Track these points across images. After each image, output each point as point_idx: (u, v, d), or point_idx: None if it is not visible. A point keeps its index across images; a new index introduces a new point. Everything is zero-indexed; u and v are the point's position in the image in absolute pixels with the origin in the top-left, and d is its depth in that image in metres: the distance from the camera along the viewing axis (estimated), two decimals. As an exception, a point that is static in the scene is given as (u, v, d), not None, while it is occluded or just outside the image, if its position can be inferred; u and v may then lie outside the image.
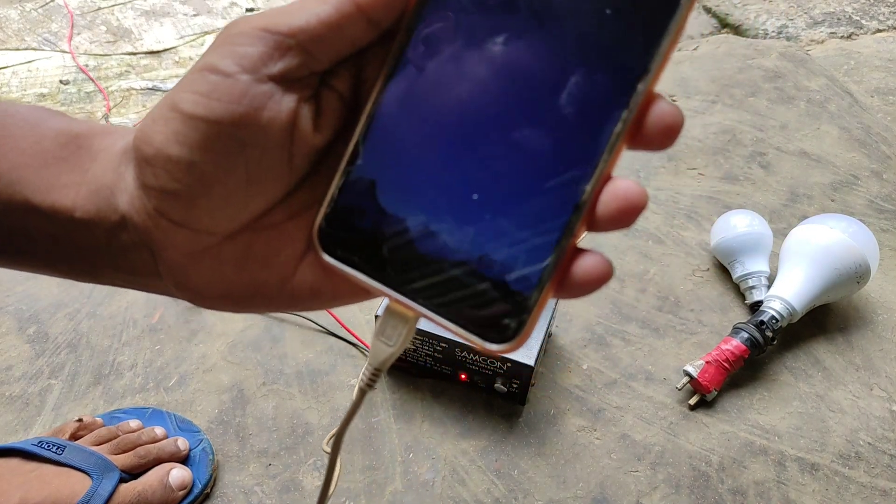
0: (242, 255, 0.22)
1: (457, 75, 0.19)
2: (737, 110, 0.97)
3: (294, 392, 0.64)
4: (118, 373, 0.65)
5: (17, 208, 0.22)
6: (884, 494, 0.58)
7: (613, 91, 0.18)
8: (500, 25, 0.19)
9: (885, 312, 0.72)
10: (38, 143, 0.22)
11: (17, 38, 1.38)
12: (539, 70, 0.19)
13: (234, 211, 0.21)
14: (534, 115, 0.19)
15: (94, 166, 0.22)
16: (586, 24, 0.18)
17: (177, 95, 0.19)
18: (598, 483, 0.58)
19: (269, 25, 0.19)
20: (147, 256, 0.22)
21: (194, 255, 0.21)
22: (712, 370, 0.62)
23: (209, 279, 0.22)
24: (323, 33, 0.19)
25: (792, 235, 0.71)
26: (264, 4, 1.53)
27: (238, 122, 0.19)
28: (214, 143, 0.19)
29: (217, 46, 0.20)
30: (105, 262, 0.22)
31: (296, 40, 0.19)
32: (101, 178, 0.21)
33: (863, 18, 1.48)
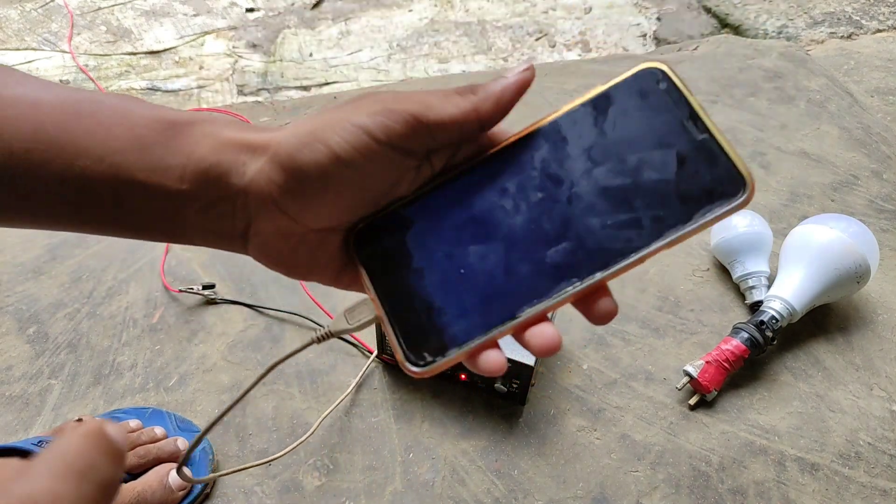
0: (317, 244, 0.28)
1: (495, 207, 0.27)
2: (737, 110, 0.97)
3: (294, 392, 0.64)
4: (118, 373, 0.65)
5: (123, 185, 0.27)
6: (884, 494, 0.58)
7: (580, 269, 0.25)
8: (535, 188, 0.27)
9: (885, 312, 0.72)
10: (132, 130, 0.27)
11: (17, 38, 1.38)
12: (541, 228, 0.26)
13: (328, 220, 0.28)
14: (523, 253, 0.26)
15: (200, 149, 0.27)
16: (589, 222, 0.26)
17: (328, 133, 0.26)
18: (598, 483, 0.58)
19: (417, 113, 0.26)
20: (241, 225, 0.28)
21: (284, 234, 0.28)
22: (712, 370, 0.62)
23: (285, 253, 0.29)
24: (449, 127, 0.27)
25: (792, 235, 0.71)
26: (264, 4, 1.53)
27: (365, 171, 0.26)
28: (342, 178, 0.26)
29: (372, 113, 0.26)
30: (196, 226, 0.28)
31: (429, 130, 0.26)
32: (209, 160, 0.27)
33: (863, 18, 1.48)
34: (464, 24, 1.51)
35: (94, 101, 0.27)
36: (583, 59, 1.17)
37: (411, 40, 1.47)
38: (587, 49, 1.45)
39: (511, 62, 1.41)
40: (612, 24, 1.51)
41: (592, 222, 0.25)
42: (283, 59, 1.40)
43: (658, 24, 1.52)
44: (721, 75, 1.04)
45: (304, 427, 0.62)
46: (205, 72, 1.34)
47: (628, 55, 1.17)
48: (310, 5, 1.55)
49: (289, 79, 1.34)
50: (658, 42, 1.46)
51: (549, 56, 1.42)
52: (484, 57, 1.43)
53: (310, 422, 0.62)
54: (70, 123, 0.27)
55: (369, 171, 0.26)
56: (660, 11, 1.55)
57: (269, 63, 1.38)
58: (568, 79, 1.03)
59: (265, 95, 1.29)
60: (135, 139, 0.27)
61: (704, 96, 1.00)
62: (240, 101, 1.19)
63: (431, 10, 1.56)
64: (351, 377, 0.65)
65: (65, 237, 0.78)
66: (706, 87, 1.02)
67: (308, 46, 1.43)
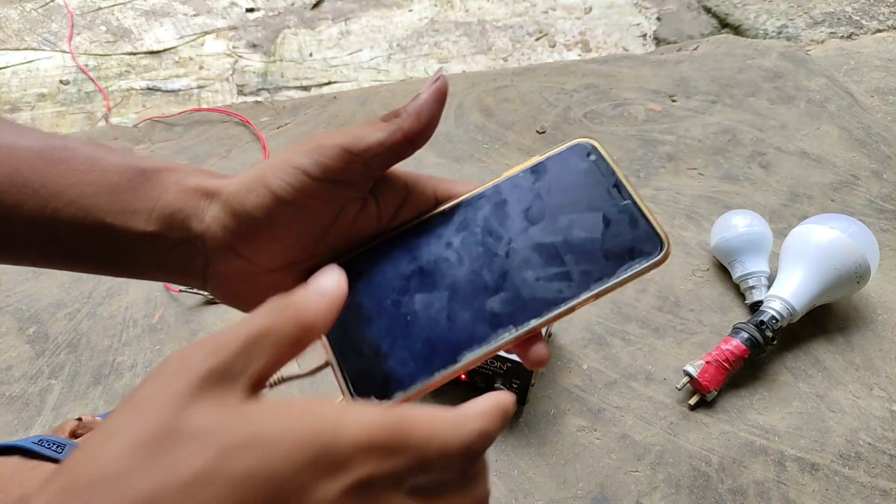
0: (273, 283, 0.29)
1: (441, 258, 0.30)
2: (737, 110, 0.97)
3: (294, 392, 0.64)
4: (118, 373, 0.65)
5: (93, 227, 0.29)
6: (884, 494, 0.58)
7: (516, 317, 0.28)
8: (477, 243, 0.30)
9: (885, 312, 0.72)
10: (103, 176, 0.29)
11: (17, 38, 1.38)
12: (482, 279, 0.29)
13: (280, 259, 0.29)
14: (464, 302, 0.28)
15: (166, 195, 0.29)
16: (525, 274, 0.29)
17: (269, 177, 0.28)
18: (598, 483, 0.58)
19: (346, 145, 0.28)
20: (201, 265, 0.29)
21: (241, 275, 0.29)
22: (712, 370, 0.62)
23: (242, 292, 0.30)
24: (380, 151, 0.28)
25: (792, 235, 0.71)
26: (264, 4, 1.53)
27: (308, 208, 0.28)
28: (287, 218, 0.28)
29: (306, 152, 0.28)
30: (160, 265, 0.30)
31: (361, 158, 0.28)
32: (174, 206, 0.29)
33: (863, 18, 1.48)
34: (464, 24, 1.51)
35: (68, 149, 0.29)
36: (583, 59, 1.17)
37: (411, 40, 1.47)
38: (587, 49, 1.45)
39: (511, 62, 1.41)
40: (612, 24, 1.51)
41: (528, 275, 0.28)
42: (283, 59, 1.40)
43: (658, 24, 1.52)
44: (721, 75, 1.04)
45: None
46: (205, 72, 1.34)
47: (628, 55, 1.17)
48: (310, 5, 1.55)
49: (289, 79, 1.34)
50: (658, 42, 1.46)
51: (549, 56, 1.42)
52: (484, 57, 1.43)
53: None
54: (45, 169, 0.29)
55: (312, 208, 0.28)
56: (660, 11, 1.55)
57: (269, 63, 1.38)
58: (568, 79, 1.03)
59: (265, 95, 1.29)
60: (106, 185, 0.29)
61: (704, 96, 1.00)
62: (240, 101, 1.19)
63: (431, 10, 1.56)
64: (351, 377, 0.65)
65: (65, 237, 0.78)
66: (706, 86, 1.02)
67: (308, 46, 1.43)
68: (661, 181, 0.86)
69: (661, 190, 0.85)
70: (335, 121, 0.96)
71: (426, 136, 0.31)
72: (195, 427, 0.18)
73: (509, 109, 0.97)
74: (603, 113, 0.96)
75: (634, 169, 0.88)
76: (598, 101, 0.98)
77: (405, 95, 1.00)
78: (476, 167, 0.88)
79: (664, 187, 0.85)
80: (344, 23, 1.51)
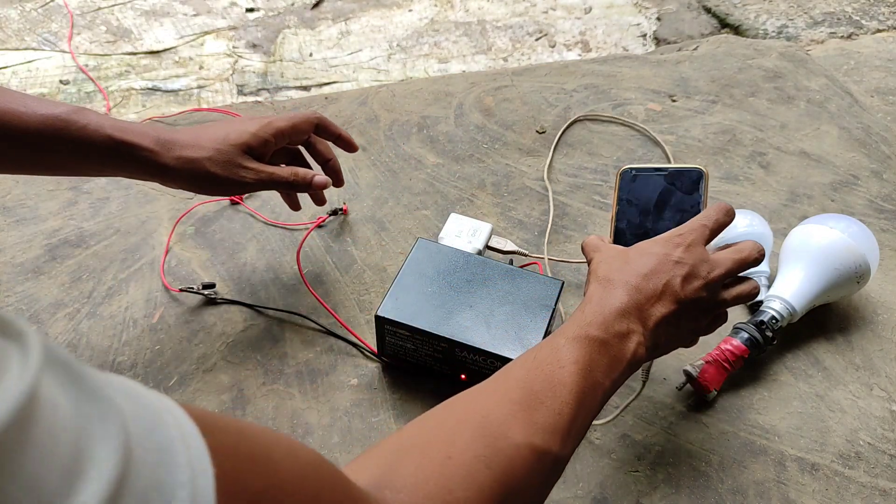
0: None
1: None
2: (737, 110, 0.97)
3: (294, 392, 0.64)
4: (118, 373, 0.65)
5: (101, 139, 0.54)
6: (884, 494, 0.58)
7: None
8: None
9: (885, 312, 0.72)
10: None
11: (17, 38, 1.38)
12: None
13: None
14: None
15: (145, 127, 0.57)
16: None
17: (205, 140, 0.59)
18: (598, 483, 0.58)
19: (258, 131, 0.60)
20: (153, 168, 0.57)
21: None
22: (712, 370, 0.63)
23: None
24: (286, 133, 0.63)
25: (792, 235, 0.71)
26: (264, 4, 1.53)
27: (230, 163, 0.59)
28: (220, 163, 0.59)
29: (229, 129, 0.60)
30: (134, 170, 0.57)
31: (273, 137, 0.61)
32: (152, 134, 0.57)
33: (863, 18, 1.48)
34: (464, 24, 1.51)
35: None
36: (583, 59, 1.17)
37: (411, 40, 1.46)
38: (587, 49, 1.45)
39: (511, 62, 1.41)
40: (612, 23, 1.51)
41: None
42: (283, 59, 1.40)
43: (658, 24, 1.52)
44: (721, 75, 1.04)
45: (304, 427, 0.62)
46: (205, 72, 1.34)
47: (628, 55, 1.17)
48: (310, 5, 1.55)
49: (289, 79, 1.34)
50: (658, 42, 1.46)
51: (549, 56, 1.42)
52: (484, 57, 1.43)
53: (310, 422, 0.62)
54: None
55: (235, 162, 0.60)
56: (660, 11, 1.55)
57: (269, 63, 1.38)
58: (568, 79, 1.03)
59: (265, 95, 1.29)
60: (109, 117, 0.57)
61: (704, 96, 1.00)
62: (240, 101, 1.19)
63: (431, 10, 1.56)
64: (351, 377, 0.65)
65: (64, 237, 0.78)
66: (706, 86, 1.02)
67: (308, 46, 1.43)
68: (661, 181, 0.86)
69: (661, 190, 0.85)
70: (335, 120, 0.96)
71: (310, 129, 0.66)
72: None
73: (509, 109, 0.97)
74: (603, 113, 0.96)
75: (634, 169, 0.88)
76: (598, 101, 0.98)
77: (405, 95, 1.00)
78: (476, 167, 0.88)
79: (664, 187, 0.85)
80: (344, 23, 1.51)
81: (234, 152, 0.58)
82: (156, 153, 0.55)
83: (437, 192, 0.84)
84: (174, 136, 0.57)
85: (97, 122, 0.53)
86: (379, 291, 0.73)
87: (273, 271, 0.75)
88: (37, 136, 0.52)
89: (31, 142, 0.52)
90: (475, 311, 0.60)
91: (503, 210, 0.82)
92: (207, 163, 0.57)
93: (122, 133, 0.54)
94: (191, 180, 0.58)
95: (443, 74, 1.23)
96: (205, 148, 0.57)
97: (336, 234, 0.79)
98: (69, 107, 0.53)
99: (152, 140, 0.55)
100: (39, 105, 0.52)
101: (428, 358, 0.62)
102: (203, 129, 0.59)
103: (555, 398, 0.40)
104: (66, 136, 0.52)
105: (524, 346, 0.58)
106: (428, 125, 0.95)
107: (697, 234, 0.50)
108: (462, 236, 0.70)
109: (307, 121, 0.65)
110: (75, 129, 0.52)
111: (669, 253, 0.49)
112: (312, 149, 0.68)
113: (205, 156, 0.57)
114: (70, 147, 0.53)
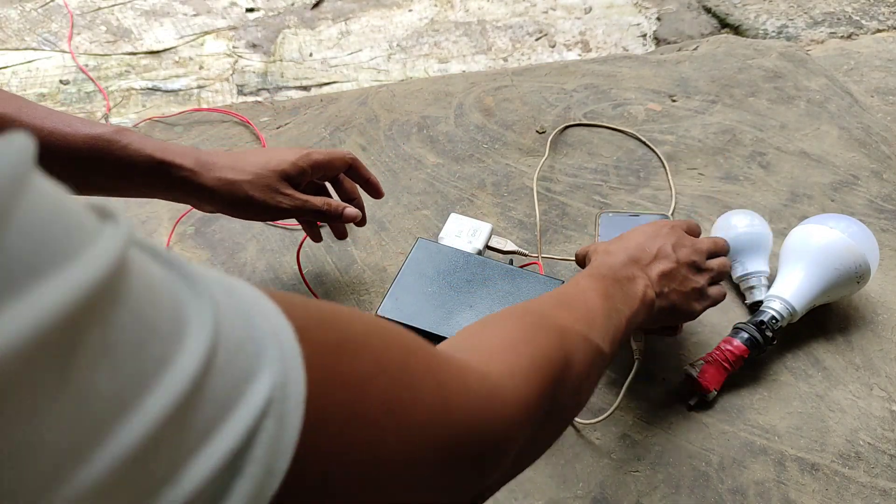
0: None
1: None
2: (737, 110, 0.97)
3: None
4: (118, 373, 0.65)
5: (142, 158, 0.55)
6: (884, 494, 0.58)
7: None
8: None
9: (885, 312, 0.72)
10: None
11: (17, 38, 1.38)
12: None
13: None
14: None
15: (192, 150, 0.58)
16: None
17: (245, 167, 0.60)
18: (598, 483, 0.58)
19: (298, 160, 0.61)
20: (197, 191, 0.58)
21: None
22: (712, 370, 0.62)
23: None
24: (323, 165, 0.64)
25: (792, 235, 0.71)
26: (264, 4, 1.53)
27: (269, 188, 0.60)
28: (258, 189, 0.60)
29: (269, 156, 0.61)
30: (174, 190, 0.58)
31: (311, 168, 0.62)
32: (193, 154, 0.58)
33: (863, 18, 1.48)
34: (464, 24, 1.51)
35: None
36: (583, 59, 1.17)
37: (411, 40, 1.46)
38: (587, 49, 1.45)
39: (511, 62, 1.41)
40: (612, 23, 1.51)
41: None
42: (283, 59, 1.40)
43: (658, 23, 1.52)
44: (721, 75, 1.04)
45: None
46: (205, 72, 1.34)
47: (628, 55, 1.17)
48: (310, 5, 1.55)
49: (289, 79, 1.34)
50: (658, 42, 1.46)
51: (549, 56, 1.42)
52: (484, 57, 1.43)
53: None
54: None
55: (274, 187, 0.61)
56: (660, 11, 1.55)
57: (269, 63, 1.38)
58: (568, 79, 1.03)
59: (265, 95, 1.29)
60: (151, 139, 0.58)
61: (704, 96, 1.00)
62: (240, 101, 1.19)
63: (431, 10, 1.55)
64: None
65: (65, 237, 0.78)
66: (706, 86, 1.02)
67: (308, 46, 1.43)
68: (661, 181, 0.86)
69: (661, 190, 0.85)
70: (335, 120, 0.96)
71: (343, 167, 0.67)
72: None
73: (509, 109, 0.97)
74: (603, 113, 0.96)
75: (634, 169, 0.88)
76: (598, 102, 0.98)
77: (405, 95, 1.00)
78: (476, 167, 0.88)
79: (664, 187, 0.85)
80: (344, 23, 1.51)
81: (274, 178, 0.59)
82: (196, 173, 0.56)
83: (437, 192, 0.84)
84: (214, 159, 0.58)
85: (139, 143, 0.55)
86: (379, 291, 0.73)
87: (273, 271, 0.75)
88: (82, 156, 0.53)
89: (78, 161, 0.53)
90: (475, 311, 0.60)
91: (503, 210, 0.82)
92: (247, 185, 0.58)
93: (163, 153, 0.55)
94: (229, 202, 0.59)
95: (443, 74, 1.23)
96: (245, 171, 0.58)
97: (336, 234, 0.79)
98: (112, 127, 0.55)
99: (193, 160, 0.56)
100: (83, 125, 0.53)
101: (428, 358, 0.62)
102: (243, 154, 0.61)
103: (586, 306, 0.46)
104: (109, 156, 0.53)
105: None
106: (428, 125, 0.95)
107: (678, 221, 0.62)
108: (462, 236, 0.70)
109: (343, 158, 0.66)
110: (118, 149, 0.54)
111: (658, 229, 0.59)
112: (339, 186, 0.68)
113: (245, 179, 0.58)
114: (113, 166, 0.54)
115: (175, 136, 0.94)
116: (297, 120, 0.97)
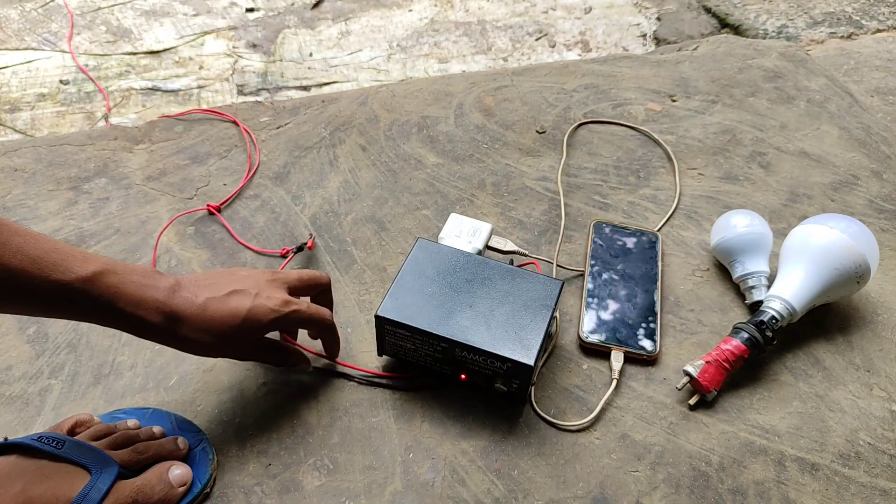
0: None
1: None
2: (737, 110, 0.97)
3: (294, 392, 0.64)
4: (118, 373, 0.65)
5: (110, 311, 0.50)
6: (884, 494, 0.58)
7: None
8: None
9: (885, 312, 0.72)
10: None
11: (17, 38, 1.38)
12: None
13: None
14: None
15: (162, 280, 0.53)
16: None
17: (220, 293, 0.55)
18: (598, 483, 0.58)
19: (281, 280, 0.60)
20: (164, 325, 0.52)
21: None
22: (712, 370, 0.62)
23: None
24: (304, 286, 0.62)
25: (792, 235, 0.71)
26: (264, 4, 1.53)
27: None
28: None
29: (243, 305, 0.55)
30: (141, 335, 0.53)
31: (294, 288, 0.60)
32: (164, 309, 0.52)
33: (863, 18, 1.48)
34: (464, 24, 1.51)
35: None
36: (583, 59, 1.17)
37: (411, 40, 1.46)
38: (587, 49, 1.45)
39: (511, 62, 1.41)
40: (612, 23, 1.51)
41: None
42: (283, 59, 1.40)
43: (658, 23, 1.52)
44: (721, 75, 1.04)
45: (304, 427, 0.62)
46: (205, 72, 1.34)
47: (628, 55, 1.17)
48: (310, 5, 1.55)
49: (289, 79, 1.34)
50: (658, 42, 1.46)
51: (549, 56, 1.42)
52: (484, 57, 1.43)
53: (310, 421, 0.62)
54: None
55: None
56: (660, 11, 1.55)
57: (269, 63, 1.38)
58: (568, 79, 1.03)
59: (265, 95, 1.29)
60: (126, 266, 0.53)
61: (704, 96, 1.00)
62: (240, 101, 1.19)
63: (431, 10, 1.55)
64: (351, 377, 0.65)
65: (64, 237, 0.78)
66: (706, 86, 1.02)
67: (308, 46, 1.43)
68: (661, 181, 0.86)
69: (661, 190, 0.85)
70: (335, 120, 0.96)
71: (323, 286, 0.65)
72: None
73: (509, 109, 0.97)
74: (603, 113, 0.96)
75: (635, 169, 0.88)
76: (598, 101, 0.98)
77: (405, 95, 1.00)
78: (476, 167, 0.88)
79: (664, 187, 0.85)
80: (344, 23, 1.51)
81: (248, 337, 0.56)
82: (163, 329, 0.51)
83: (437, 192, 0.84)
84: (184, 310, 0.52)
85: (111, 294, 0.49)
86: (379, 291, 0.73)
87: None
88: (42, 303, 0.48)
89: (36, 306, 0.48)
90: (475, 311, 0.60)
91: (503, 210, 0.82)
92: (218, 349, 0.55)
93: (134, 308, 0.50)
94: (199, 353, 0.55)
95: (443, 74, 1.23)
96: (212, 333, 0.53)
97: (336, 234, 0.79)
98: (85, 274, 0.48)
99: (161, 316, 0.51)
100: (54, 270, 0.47)
101: (428, 358, 0.62)
102: (217, 303, 0.54)
103: None
104: (74, 308, 0.49)
105: (524, 346, 0.58)
106: (428, 125, 0.94)
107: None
108: (462, 236, 0.70)
109: (319, 282, 0.64)
110: (83, 301, 0.48)
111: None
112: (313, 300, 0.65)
113: (211, 341, 0.53)
114: (79, 314, 0.50)
115: (175, 136, 0.94)
116: (297, 120, 0.97)
